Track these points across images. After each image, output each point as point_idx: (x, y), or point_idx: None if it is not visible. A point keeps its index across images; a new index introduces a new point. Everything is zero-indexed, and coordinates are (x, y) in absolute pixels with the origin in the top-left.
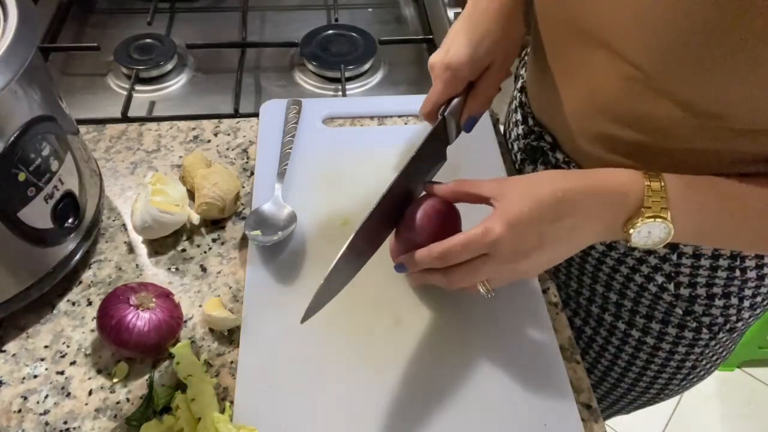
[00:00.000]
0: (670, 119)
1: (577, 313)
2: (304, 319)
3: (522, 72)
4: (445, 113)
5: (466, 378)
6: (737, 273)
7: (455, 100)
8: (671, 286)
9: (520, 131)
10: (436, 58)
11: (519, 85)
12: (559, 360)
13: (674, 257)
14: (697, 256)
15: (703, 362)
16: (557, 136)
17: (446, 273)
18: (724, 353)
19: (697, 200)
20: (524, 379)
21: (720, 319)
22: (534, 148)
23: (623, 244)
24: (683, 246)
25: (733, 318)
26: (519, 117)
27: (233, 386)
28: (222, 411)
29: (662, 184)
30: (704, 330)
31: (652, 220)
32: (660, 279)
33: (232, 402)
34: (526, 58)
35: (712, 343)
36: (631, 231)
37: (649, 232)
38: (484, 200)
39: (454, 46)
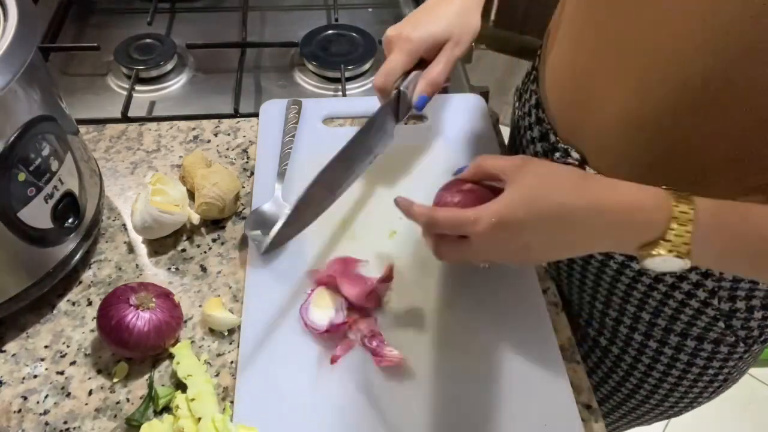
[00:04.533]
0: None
1: (590, 324)
2: (266, 252)
3: (534, 87)
4: (401, 87)
5: (466, 378)
6: None
7: (412, 74)
8: (714, 301)
9: (539, 149)
10: (393, 32)
11: (533, 101)
12: (559, 360)
13: (717, 272)
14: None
15: (735, 374)
16: (586, 153)
17: (434, 240)
18: (752, 362)
19: (726, 233)
20: (524, 379)
21: (756, 332)
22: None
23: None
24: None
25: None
26: (536, 134)
27: (233, 386)
28: (222, 411)
29: (691, 207)
30: (741, 344)
31: (671, 254)
32: (702, 294)
33: (232, 402)
34: (534, 72)
35: (746, 355)
36: (645, 257)
37: (664, 261)
38: (500, 180)
39: (412, 22)
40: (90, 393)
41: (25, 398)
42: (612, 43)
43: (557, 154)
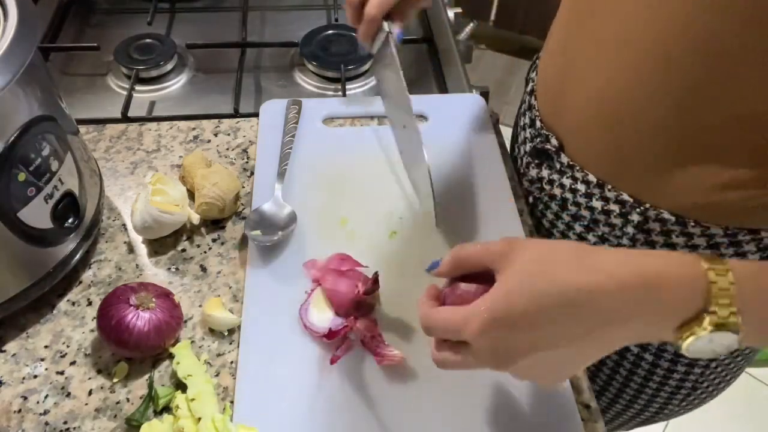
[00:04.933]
0: (693, 119)
1: None
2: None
3: (533, 75)
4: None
5: (466, 378)
6: None
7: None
8: None
9: (528, 134)
10: None
11: (529, 88)
12: None
13: None
14: None
15: (704, 384)
16: (563, 139)
17: (434, 346)
18: (729, 378)
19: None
20: None
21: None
22: (539, 151)
23: None
24: None
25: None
26: (527, 120)
27: (233, 386)
28: (222, 411)
29: (726, 267)
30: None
31: (719, 329)
32: None
33: (232, 402)
34: (537, 61)
35: (713, 364)
36: (687, 338)
37: (710, 341)
38: (487, 269)
39: None
40: (90, 393)
41: (25, 398)
42: (589, 31)
43: (538, 140)
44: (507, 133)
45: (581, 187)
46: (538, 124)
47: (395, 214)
